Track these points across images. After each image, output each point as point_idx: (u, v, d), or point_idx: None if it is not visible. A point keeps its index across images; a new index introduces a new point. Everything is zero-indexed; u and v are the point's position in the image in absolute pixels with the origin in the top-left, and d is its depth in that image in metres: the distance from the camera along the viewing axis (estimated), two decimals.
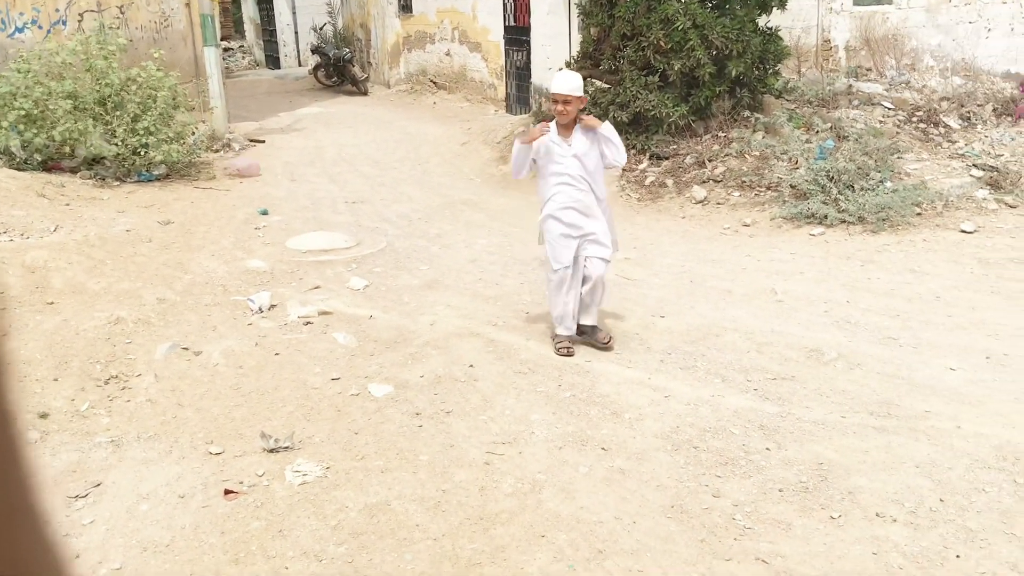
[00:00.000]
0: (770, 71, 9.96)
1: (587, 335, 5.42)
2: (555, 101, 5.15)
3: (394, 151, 12.38)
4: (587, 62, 10.26)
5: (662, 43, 9.32)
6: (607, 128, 5.22)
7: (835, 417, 4.39)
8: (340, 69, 19.32)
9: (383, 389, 4.78)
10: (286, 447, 4.10)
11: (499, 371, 5.04)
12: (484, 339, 5.50)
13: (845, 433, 4.25)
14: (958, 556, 3.28)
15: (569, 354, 5.22)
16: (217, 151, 11.62)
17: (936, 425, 4.30)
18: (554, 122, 5.25)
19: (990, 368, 4.96)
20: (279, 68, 25.86)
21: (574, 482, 3.86)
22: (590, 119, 5.22)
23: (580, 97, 5.14)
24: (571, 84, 5.09)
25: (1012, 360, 5.05)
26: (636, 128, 9.74)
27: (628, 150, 9.81)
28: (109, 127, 9.28)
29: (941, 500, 3.65)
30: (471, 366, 5.10)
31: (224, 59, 19.01)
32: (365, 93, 18.92)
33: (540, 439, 4.26)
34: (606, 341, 5.34)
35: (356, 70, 19.23)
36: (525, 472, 3.93)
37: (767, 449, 4.13)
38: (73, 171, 9.27)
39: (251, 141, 12.67)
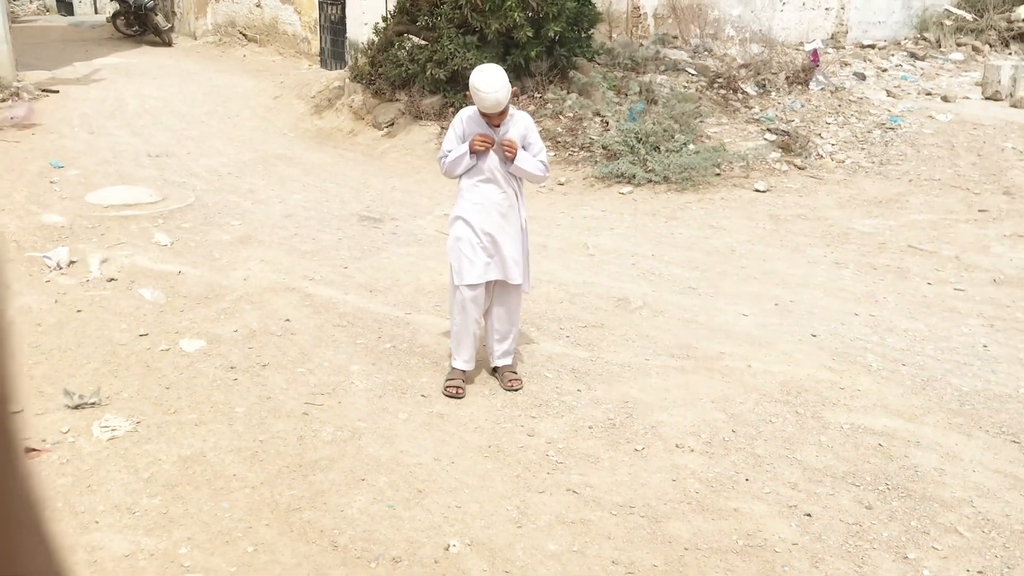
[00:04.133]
0: (583, 35, 10.25)
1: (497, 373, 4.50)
2: (485, 115, 4.10)
3: (201, 104, 11.86)
4: (404, 18, 10.19)
5: (479, 2, 9.38)
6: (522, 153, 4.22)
7: (640, 360, 4.67)
8: (141, 18, 18.20)
9: (195, 344, 4.65)
10: (92, 403, 3.93)
11: (317, 324, 5.01)
12: (301, 294, 5.44)
13: (649, 374, 4.52)
14: (747, 479, 3.59)
15: (458, 395, 4.25)
16: (3, 100, 10.74)
17: (730, 365, 4.65)
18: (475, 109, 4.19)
19: (778, 313, 5.39)
20: (73, 15, 24.06)
21: (394, 428, 3.92)
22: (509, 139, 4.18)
23: (513, 90, 4.07)
24: (503, 93, 3.98)
25: (797, 306, 5.51)
26: (454, 86, 9.79)
27: (446, 107, 9.89)
28: None
29: (733, 431, 3.97)
30: (287, 320, 5.04)
31: (9, 3, 17.47)
32: (169, 44, 17.95)
33: (360, 389, 4.29)
34: (511, 384, 4.37)
35: (159, 19, 18.18)
36: (345, 420, 3.96)
37: (578, 391, 4.34)
38: None
39: (43, 91, 11.78)
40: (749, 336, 5.03)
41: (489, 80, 3.96)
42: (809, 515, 3.36)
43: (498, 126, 4.16)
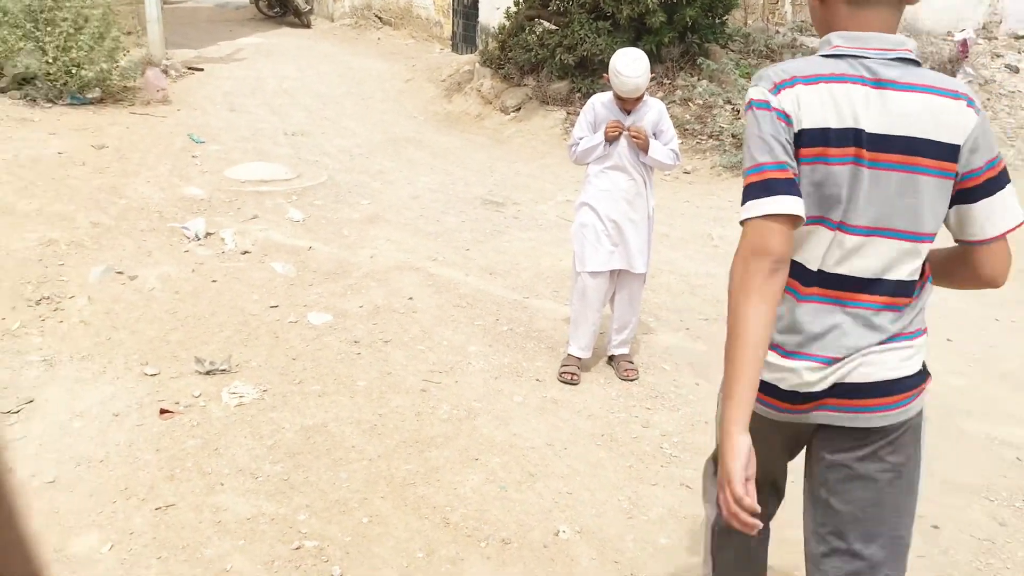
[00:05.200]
0: (717, 20, 10.02)
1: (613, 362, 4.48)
2: (619, 99, 4.04)
3: (337, 85, 12.19)
4: (536, 2, 10.19)
5: None
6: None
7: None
8: (283, 0, 18.83)
9: (322, 318, 4.79)
10: (223, 370, 4.10)
11: (438, 304, 5.09)
12: (424, 273, 5.53)
13: None
14: None
15: (573, 382, 4.25)
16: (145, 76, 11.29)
17: None
18: (610, 94, 4.12)
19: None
20: None
21: (508, 410, 3.94)
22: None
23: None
24: (644, 78, 3.91)
25: (932, 310, 5.22)
26: (583, 71, 9.74)
27: (573, 93, 9.85)
28: (40, 44, 8.95)
29: None
30: (410, 298, 5.13)
31: None
32: (308, 26, 18.50)
33: (476, 369, 4.33)
34: (626, 374, 4.34)
35: (299, 1, 18.77)
36: (461, 399, 4.01)
37: (696, 384, 4.26)
38: (2, 91, 8.95)
39: (189, 69, 12.34)
40: None
41: (633, 64, 3.90)
42: (936, 527, 3.20)
43: (630, 112, 4.09)
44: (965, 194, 1.76)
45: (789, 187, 1.69)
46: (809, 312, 1.82)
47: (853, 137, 1.70)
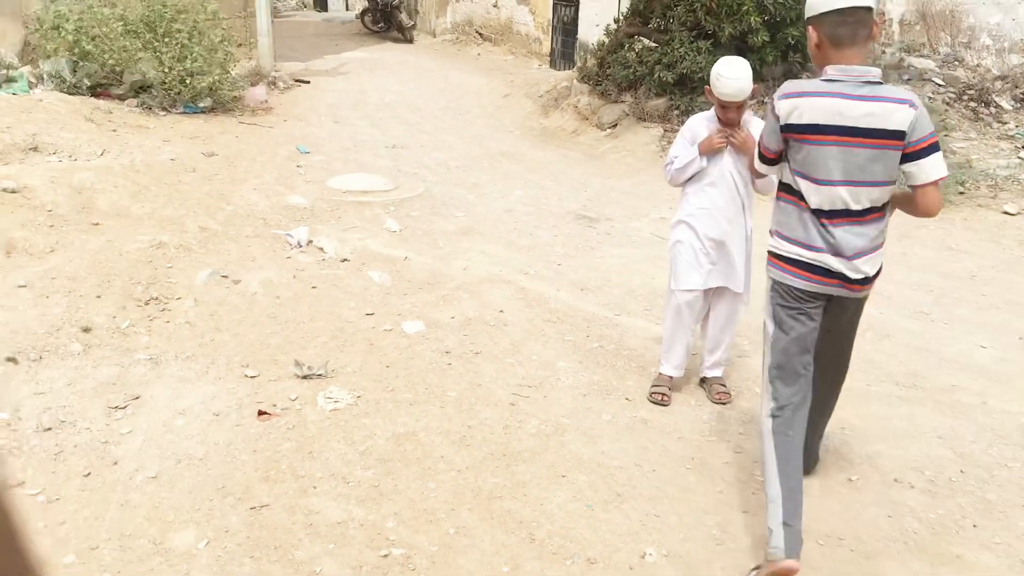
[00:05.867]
0: None
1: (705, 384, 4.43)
2: (724, 107, 3.93)
3: (436, 100, 12.38)
4: (636, 20, 10.17)
5: (713, 4, 9.20)
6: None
7: (861, 384, 4.41)
8: (387, 15, 19.25)
9: (415, 327, 4.86)
10: (319, 375, 4.20)
11: (528, 318, 5.10)
12: (515, 287, 5.55)
13: (870, 400, 4.27)
14: (974, 526, 3.32)
15: (663, 403, 4.19)
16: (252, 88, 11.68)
17: (962, 399, 4.31)
18: (711, 112, 4.10)
19: (1021, 348, 4.94)
20: (327, 11, 25.79)
21: (596, 428, 3.93)
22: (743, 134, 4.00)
23: (754, 87, 3.90)
24: (747, 82, 3.84)
25: None
26: (682, 88, 9.67)
27: (671, 110, 9.78)
28: (157, 54, 9.36)
29: (961, 471, 3.67)
30: (501, 311, 5.16)
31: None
32: (410, 41, 18.86)
33: (565, 385, 4.33)
34: (719, 397, 4.29)
35: (403, 17, 19.16)
36: (549, 415, 4.01)
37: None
38: (120, 98, 9.38)
39: (296, 81, 12.72)
40: (986, 370, 4.64)
41: (735, 66, 3.84)
42: None
43: (734, 124, 3.99)
44: (910, 156, 2.85)
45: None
46: (834, 231, 2.95)
47: (825, 128, 2.87)
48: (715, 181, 4.08)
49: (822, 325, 3.11)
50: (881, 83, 2.85)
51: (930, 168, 2.85)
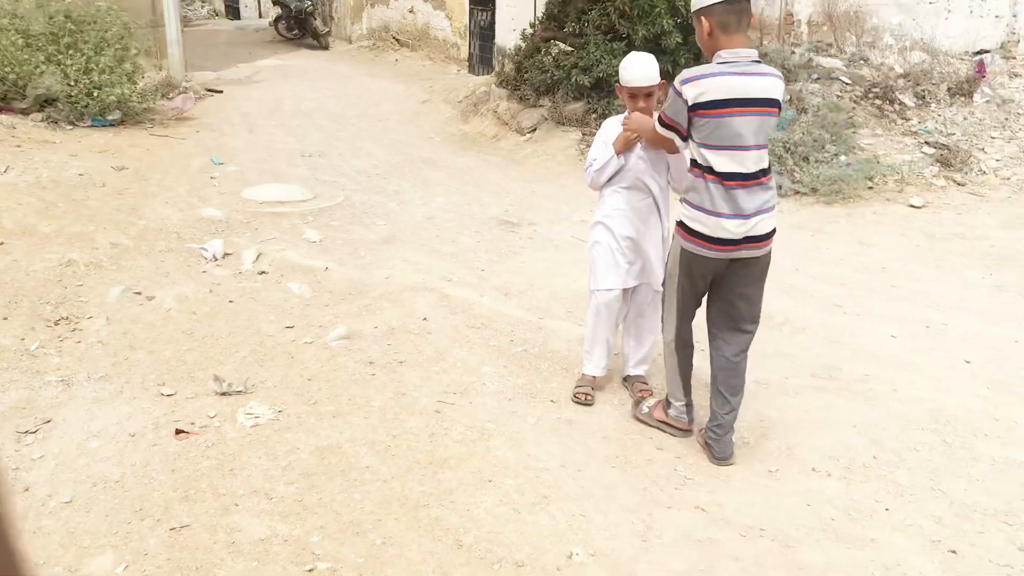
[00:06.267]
0: None
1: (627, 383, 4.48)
2: (633, 96, 4.02)
3: (353, 107, 12.28)
4: (552, 24, 10.25)
5: (626, 7, 9.33)
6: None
7: (778, 378, 4.52)
8: (301, 22, 19.02)
9: (337, 338, 4.81)
10: (239, 391, 4.12)
11: (452, 325, 5.09)
12: (439, 294, 5.54)
13: (787, 393, 4.38)
14: (887, 509, 3.42)
15: (587, 402, 4.25)
16: (172, 99, 11.43)
17: (874, 388, 4.45)
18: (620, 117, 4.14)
19: (929, 337, 5.12)
20: (239, 19, 25.37)
21: (522, 431, 3.94)
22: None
23: (661, 83, 4.02)
24: (653, 70, 3.97)
25: (950, 330, 5.21)
26: (599, 92, 9.77)
27: (589, 114, 9.88)
28: (62, 67, 9.08)
29: (875, 457, 3.79)
30: (425, 319, 5.14)
31: (183, 7, 18.59)
32: (326, 48, 18.67)
33: (490, 390, 4.33)
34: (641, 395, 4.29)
35: (318, 24, 18.95)
36: (475, 421, 4.00)
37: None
38: (24, 113, 9.07)
39: (208, 91, 12.47)
40: (897, 359, 4.79)
41: (638, 56, 4.01)
42: (954, 552, 3.17)
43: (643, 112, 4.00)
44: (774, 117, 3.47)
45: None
46: (734, 193, 3.38)
47: (733, 102, 3.32)
48: (630, 183, 4.13)
49: (734, 288, 3.62)
50: (759, 61, 3.41)
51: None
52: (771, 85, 3.39)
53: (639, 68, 3.97)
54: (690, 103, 3.33)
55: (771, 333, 5.07)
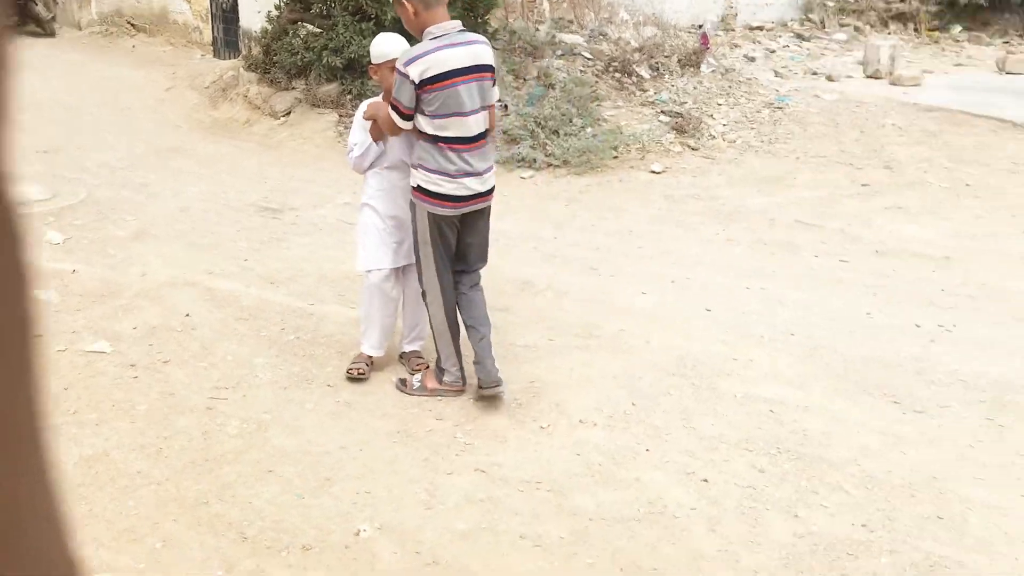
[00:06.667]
0: (479, 20, 10.29)
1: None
2: (375, 72, 4.15)
3: (91, 96, 11.47)
4: (297, 5, 10.05)
5: None
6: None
7: (544, 340, 4.77)
8: (21, 7, 17.44)
9: (93, 343, 4.55)
10: None
11: (219, 319, 4.96)
12: (201, 288, 5.36)
13: (553, 354, 4.63)
14: (647, 450, 3.73)
15: (360, 377, 4.28)
16: None
17: (630, 342, 4.80)
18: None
19: (674, 291, 5.57)
20: None
21: (300, 418, 3.93)
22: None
23: None
24: (394, 46, 4.02)
25: (692, 283, 5.70)
26: (352, 73, 9.72)
27: (344, 95, 9.81)
28: None
29: (633, 404, 4.11)
30: (188, 315, 4.97)
31: None
32: (52, 34, 17.25)
33: (264, 381, 4.27)
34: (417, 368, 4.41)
35: (39, 8, 17.45)
36: (250, 413, 3.95)
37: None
38: None
39: None
40: (648, 314, 5.18)
41: (387, 35, 4.19)
42: (706, 480, 3.52)
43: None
44: (492, 82, 3.85)
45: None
46: (467, 156, 3.78)
47: (452, 73, 3.65)
48: (392, 163, 4.21)
49: (465, 238, 4.05)
50: (465, 30, 3.77)
51: (496, 92, 3.96)
52: (482, 52, 3.76)
53: (386, 45, 4.09)
54: (417, 81, 3.62)
55: (536, 299, 5.33)
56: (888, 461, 3.68)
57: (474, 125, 3.78)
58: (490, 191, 3.97)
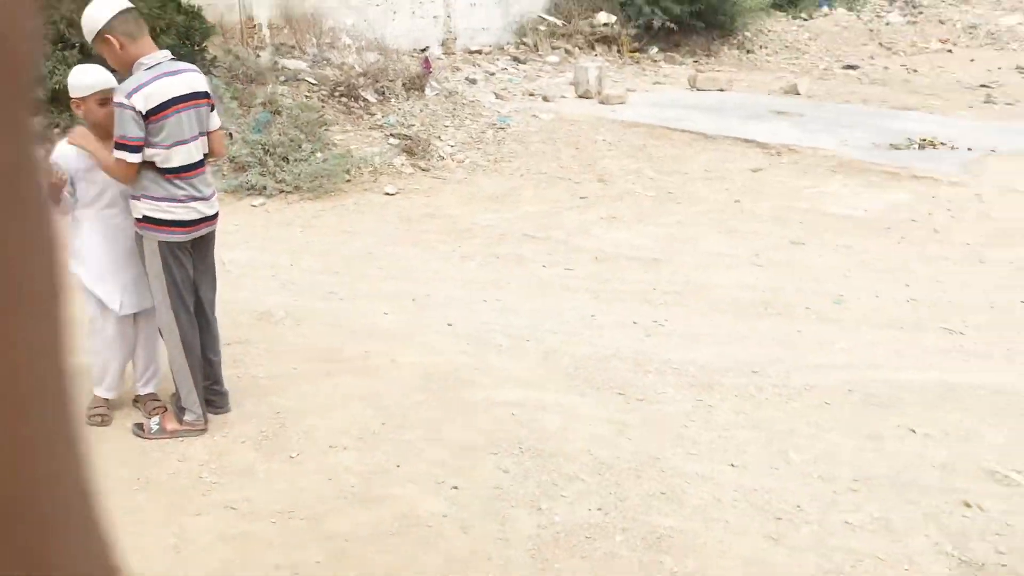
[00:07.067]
0: (195, 48, 9.99)
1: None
2: (104, 102, 3.84)
3: None
4: None
5: (74, 16, 8.79)
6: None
7: (287, 369, 4.75)
8: None
9: None
10: None
11: None
12: None
13: (298, 382, 4.63)
14: (398, 466, 3.85)
15: (104, 423, 4.15)
16: None
17: (375, 362, 4.89)
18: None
19: (415, 308, 5.74)
20: None
21: None
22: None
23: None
24: (99, 76, 3.89)
25: (432, 299, 5.90)
26: (58, 106, 9.08)
27: (51, 128, 9.15)
28: None
29: (383, 423, 4.20)
30: None
31: None
32: None
33: None
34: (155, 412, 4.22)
35: None
36: None
37: (232, 410, 4.33)
38: None
39: None
40: (391, 333, 5.30)
41: (87, 66, 4.02)
42: (456, 487, 3.68)
43: (102, 123, 3.89)
44: (212, 108, 3.96)
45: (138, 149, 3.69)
46: (192, 181, 3.85)
47: (172, 101, 3.69)
48: (111, 202, 4.02)
49: (196, 265, 4.05)
50: (176, 59, 3.86)
51: (217, 118, 4.05)
52: (194, 80, 3.83)
53: (94, 75, 3.91)
54: (144, 111, 3.61)
55: (275, 328, 5.29)
56: (616, 447, 4.03)
57: (195, 152, 3.84)
58: (216, 215, 4.03)
